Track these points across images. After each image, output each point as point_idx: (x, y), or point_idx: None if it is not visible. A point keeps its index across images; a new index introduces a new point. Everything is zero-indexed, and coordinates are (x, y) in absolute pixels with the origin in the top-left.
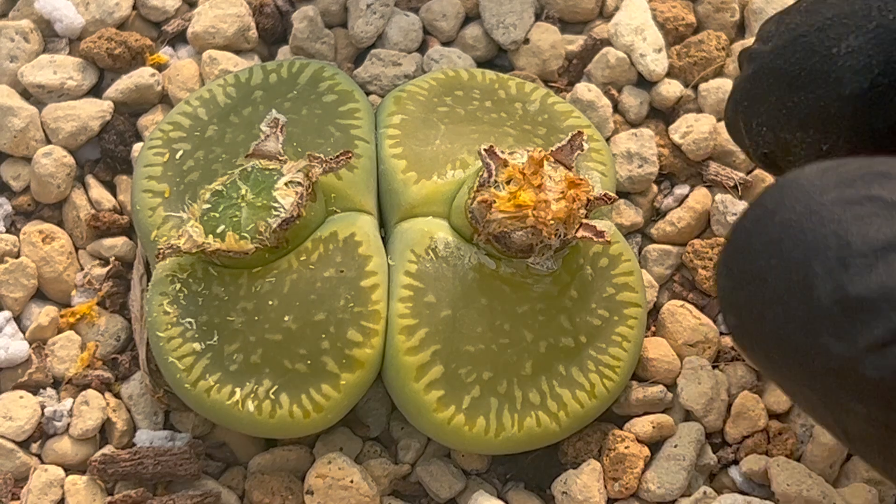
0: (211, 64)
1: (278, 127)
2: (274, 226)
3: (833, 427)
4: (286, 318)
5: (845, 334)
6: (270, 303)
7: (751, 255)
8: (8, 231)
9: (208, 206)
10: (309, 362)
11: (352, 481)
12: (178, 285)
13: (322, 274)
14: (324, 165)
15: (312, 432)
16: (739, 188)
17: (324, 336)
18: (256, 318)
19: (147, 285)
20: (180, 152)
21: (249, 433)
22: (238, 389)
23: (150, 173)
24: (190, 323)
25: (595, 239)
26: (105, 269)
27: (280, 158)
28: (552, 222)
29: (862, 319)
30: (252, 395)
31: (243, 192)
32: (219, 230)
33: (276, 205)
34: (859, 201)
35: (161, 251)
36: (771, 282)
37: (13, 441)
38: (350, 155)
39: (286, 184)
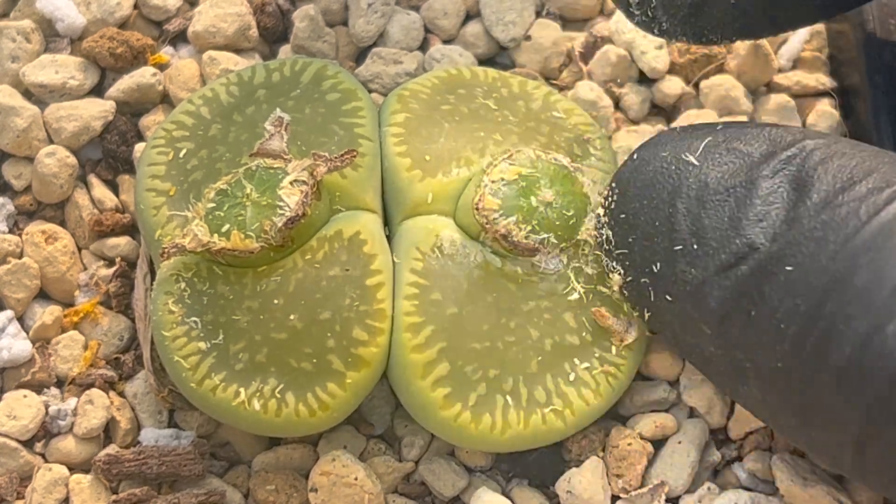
0: (211, 64)
1: (283, 126)
2: (279, 225)
3: (694, 354)
4: (292, 317)
5: (698, 262)
6: (276, 302)
7: (627, 198)
8: (10, 231)
9: (213, 205)
10: (315, 361)
11: (356, 479)
12: (183, 284)
13: (327, 273)
14: (328, 164)
15: (318, 431)
16: None
17: (329, 335)
18: (262, 316)
19: (151, 284)
20: (184, 151)
21: (255, 432)
22: (244, 388)
23: (153, 172)
24: (195, 322)
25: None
26: (111, 270)
27: (285, 157)
28: None
29: (713, 247)
30: (258, 394)
31: (248, 191)
32: (224, 229)
33: (281, 204)
34: (719, 152)
35: (166, 250)
36: (642, 220)
37: (17, 440)
38: (354, 153)
39: (291, 183)
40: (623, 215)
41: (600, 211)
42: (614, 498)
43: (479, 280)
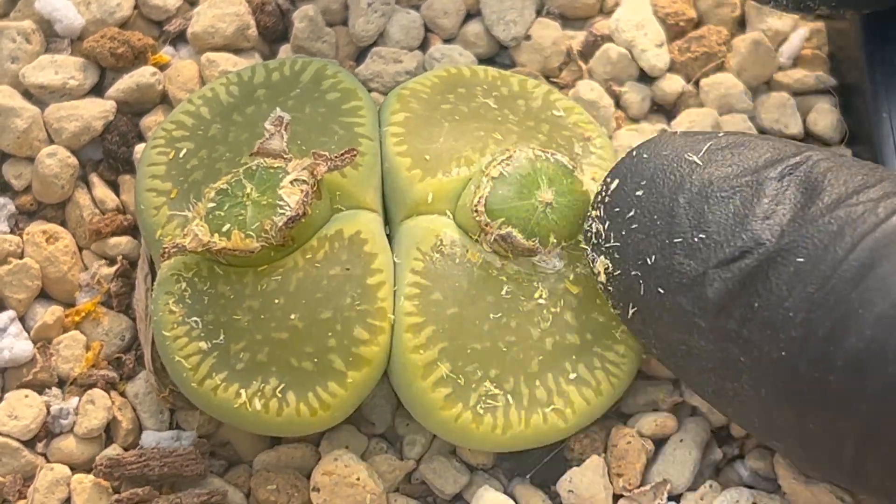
0: (210, 66)
1: (283, 125)
2: (279, 224)
3: (678, 353)
4: (292, 317)
5: (698, 254)
6: (276, 301)
7: (625, 192)
8: (11, 231)
9: (213, 204)
10: (315, 360)
11: (358, 478)
12: (184, 284)
13: (328, 272)
14: (329, 163)
15: (319, 430)
16: None
17: (330, 334)
18: (262, 316)
19: (152, 284)
20: (184, 151)
21: (256, 432)
22: (245, 388)
23: (153, 172)
24: (196, 322)
25: None
26: (113, 269)
27: (285, 157)
28: None
29: (715, 241)
30: (259, 394)
31: (248, 190)
32: (224, 229)
33: (281, 203)
34: (723, 154)
35: (166, 250)
36: (640, 213)
37: (19, 440)
38: (355, 152)
39: (291, 182)
40: (618, 209)
41: (591, 205)
42: (616, 497)
43: (479, 280)
